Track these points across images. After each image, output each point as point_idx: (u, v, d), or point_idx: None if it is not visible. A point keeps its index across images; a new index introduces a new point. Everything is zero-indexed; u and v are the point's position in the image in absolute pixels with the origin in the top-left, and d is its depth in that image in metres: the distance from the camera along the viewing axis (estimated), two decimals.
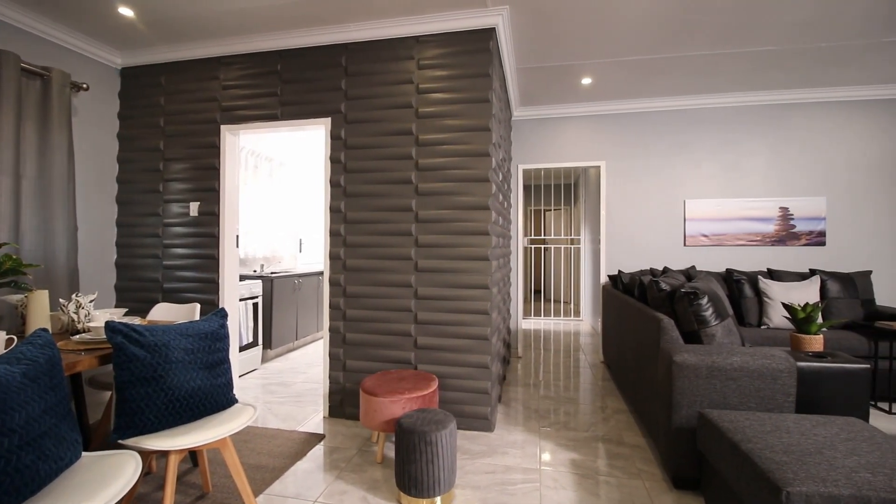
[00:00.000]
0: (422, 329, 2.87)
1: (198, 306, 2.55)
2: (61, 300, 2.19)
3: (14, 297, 2.19)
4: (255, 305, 4.16)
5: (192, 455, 2.31)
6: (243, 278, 4.27)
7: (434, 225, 2.86)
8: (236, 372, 3.41)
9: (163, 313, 2.65)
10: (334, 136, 3.04)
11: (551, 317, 7.31)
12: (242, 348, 3.94)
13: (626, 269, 4.53)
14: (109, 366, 2.51)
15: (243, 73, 3.22)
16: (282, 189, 5.52)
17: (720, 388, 2.01)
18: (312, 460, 2.41)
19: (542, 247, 8.58)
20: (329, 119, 3.05)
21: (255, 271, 4.84)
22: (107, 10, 2.81)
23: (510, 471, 2.29)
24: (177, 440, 1.59)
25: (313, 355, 4.69)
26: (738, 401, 2.00)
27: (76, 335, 1.96)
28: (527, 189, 9.40)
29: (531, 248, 9.09)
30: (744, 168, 4.29)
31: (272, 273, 4.57)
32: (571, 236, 7.84)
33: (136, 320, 2.29)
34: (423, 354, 2.87)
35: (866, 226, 4.09)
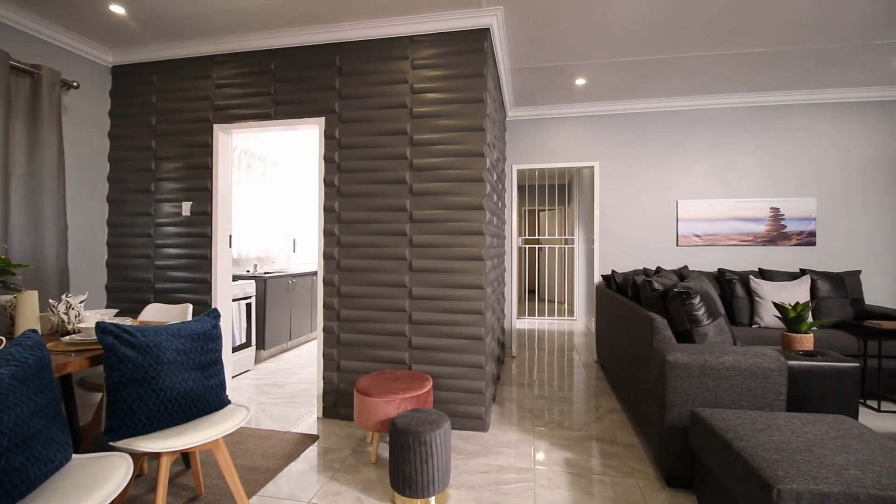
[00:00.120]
0: (416, 329, 2.87)
1: (190, 307, 2.54)
2: (51, 301, 2.17)
3: (3, 298, 2.16)
4: (249, 306, 4.14)
5: (185, 457, 2.29)
6: (236, 278, 4.24)
7: (428, 225, 2.86)
8: (229, 373, 3.39)
9: (154, 314, 2.63)
10: (328, 136, 3.03)
11: (545, 316, 7.33)
12: (235, 349, 3.92)
13: (619, 268, 4.55)
14: (100, 367, 2.48)
15: (236, 71, 3.20)
16: (275, 189, 5.49)
17: (712, 386, 2.03)
18: (306, 461, 2.40)
19: (537, 247, 8.60)
20: (323, 118, 3.04)
21: (248, 271, 4.81)
22: (98, 7, 2.78)
23: (504, 470, 2.30)
24: (169, 442, 1.58)
25: (307, 356, 4.67)
26: (729, 399, 2.02)
27: (66, 336, 1.94)
28: (521, 189, 9.42)
29: (525, 248, 9.11)
30: (736, 169, 4.33)
31: (266, 273, 4.55)
32: (565, 236, 7.87)
33: (127, 321, 2.27)
34: (417, 354, 2.87)
35: (856, 226, 4.14)
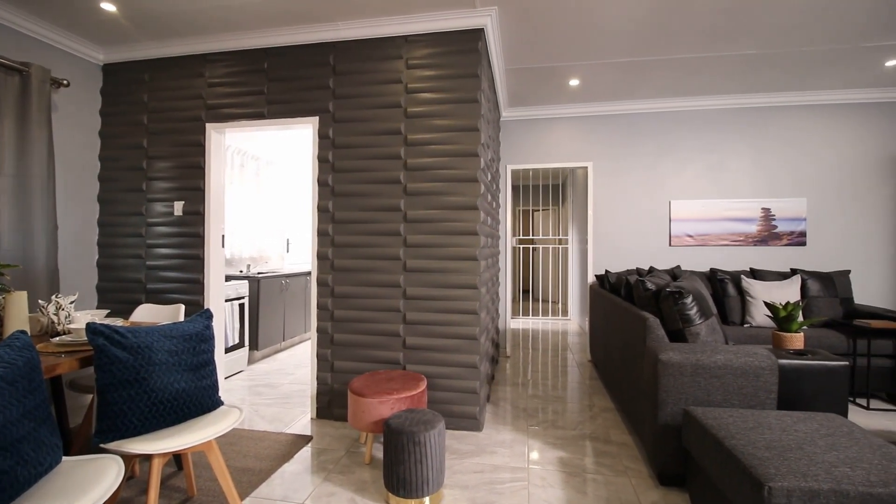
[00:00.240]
0: (410, 329, 2.87)
1: (182, 307, 2.52)
2: (40, 301, 2.14)
3: None
4: (242, 306, 4.11)
5: (177, 458, 2.27)
6: (229, 279, 4.21)
7: (422, 225, 2.86)
8: (222, 374, 3.37)
9: (146, 314, 2.61)
10: (322, 136, 3.02)
11: (539, 316, 7.35)
12: (228, 349, 3.89)
13: (612, 268, 4.57)
14: (91, 368, 2.46)
15: (229, 70, 3.18)
16: (269, 188, 5.46)
17: (704, 385, 2.04)
18: (300, 462, 2.39)
19: (531, 247, 8.62)
20: (317, 118, 3.03)
21: (241, 272, 4.78)
22: (88, 4, 2.75)
23: (498, 470, 2.30)
24: (160, 443, 1.56)
25: (301, 356, 4.65)
26: (721, 398, 2.04)
27: (56, 337, 1.92)
28: (515, 189, 9.44)
29: (520, 248, 9.13)
30: (727, 169, 4.37)
31: (259, 273, 4.52)
32: (559, 236, 7.90)
33: (118, 322, 2.24)
34: (411, 355, 2.87)
35: (846, 226, 4.19)
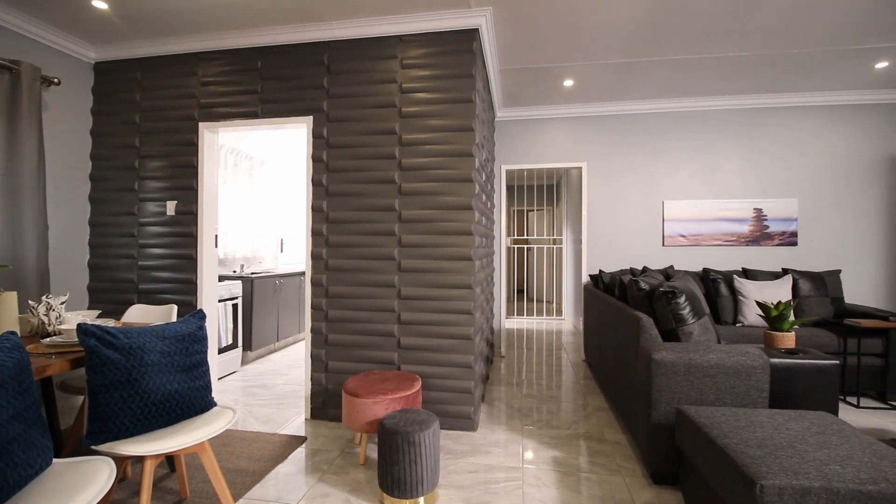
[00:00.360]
0: (405, 329, 2.86)
1: (175, 308, 2.50)
2: (31, 302, 2.12)
3: None
4: (235, 306, 4.09)
5: (170, 460, 2.26)
6: (222, 279, 4.19)
7: (417, 225, 2.86)
8: (215, 374, 3.35)
9: (138, 315, 2.59)
10: (316, 135, 3.01)
11: (534, 316, 7.37)
12: (221, 350, 3.86)
13: (606, 268, 4.59)
14: (82, 369, 2.43)
15: (222, 69, 3.16)
16: (262, 188, 5.43)
17: (697, 384, 2.06)
18: (294, 463, 2.38)
19: (525, 247, 8.65)
20: (311, 117, 3.02)
21: (234, 272, 4.75)
22: (80, 2, 2.72)
23: (493, 470, 2.30)
24: (153, 445, 1.55)
25: (295, 357, 4.63)
26: (714, 397, 2.05)
27: (46, 338, 1.90)
28: (510, 189, 9.46)
29: (514, 248, 9.15)
30: (720, 170, 4.40)
31: (252, 273, 4.50)
32: (554, 236, 7.92)
33: (110, 322, 2.22)
34: (406, 355, 2.86)
35: (836, 226, 4.23)
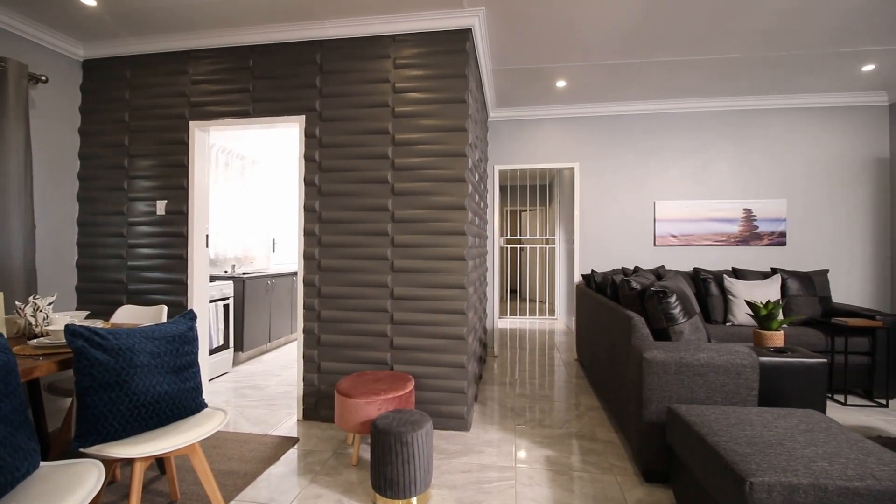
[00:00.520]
0: (398, 329, 2.86)
1: (165, 308, 2.48)
2: (17, 303, 2.09)
3: None
4: (227, 307, 4.06)
5: (160, 462, 2.23)
6: (213, 279, 4.15)
7: (410, 225, 2.85)
8: (206, 376, 3.32)
9: (127, 316, 2.56)
10: (309, 135, 3.00)
11: (527, 316, 7.39)
12: (213, 351, 3.83)
13: (598, 268, 4.62)
14: (70, 371, 2.40)
15: (214, 67, 3.13)
16: (254, 188, 5.40)
17: (688, 383, 2.07)
18: (286, 464, 2.37)
19: (518, 247, 8.66)
20: (303, 117, 3.00)
21: (225, 272, 4.72)
22: None
23: (486, 469, 2.31)
24: (142, 447, 1.53)
25: (287, 357, 4.61)
26: (704, 395, 2.07)
27: (34, 339, 1.87)
28: (503, 189, 9.48)
29: (507, 248, 9.16)
30: (710, 170, 4.44)
31: (244, 274, 4.46)
32: (546, 236, 7.95)
33: (98, 323, 2.20)
34: (399, 355, 2.86)
35: (824, 227, 4.29)
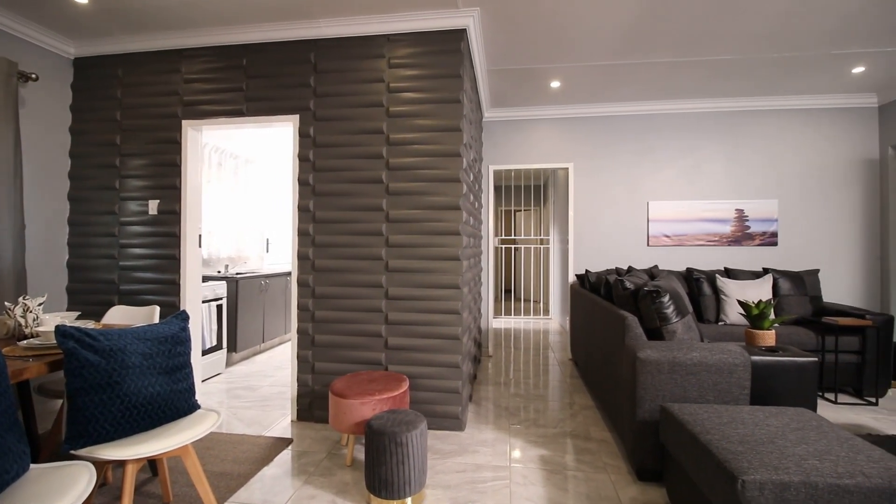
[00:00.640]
0: (392, 329, 2.85)
1: (157, 309, 2.46)
2: (7, 304, 2.06)
3: None
4: (220, 307, 4.03)
5: (152, 464, 2.22)
6: (206, 279, 4.12)
7: (405, 225, 2.85)
8: (199, 377, 3.29)
9: (119, 316, 2.54)
10: (303, 134, 2.98)
11: (521, 316, 7.41)
12: (206, 352, 3.81)
13: (593, 268, 4.64)
14: (60, 373, 2.37)
15: (206, 66, 3.11)
16: (248, 187, 5.37)
17: (681, 382, 2.09)
18: (279, 465, 2.35)
19: (513, 247, 8.69)
20: (297, 116, 2.99)
21: (219, 272, 4.69)
22: None
23: (480, 469, 2.31)
24: (134, 449, 1.52)
25: (281, 358, 4.58)
26: (697, 394, 2.09)
27: (23, 341, 1.85)
28: (497, 189, 9.49)
29: (502, 248, 9.18)
30: (703, 171, 4.48)
31: (237, 274, 4.44)
32: (541, 236, 7.97)
33: (89, 324, 2.17)
34: (393, 355, 2.85)
35: (815, 227, 4.34)
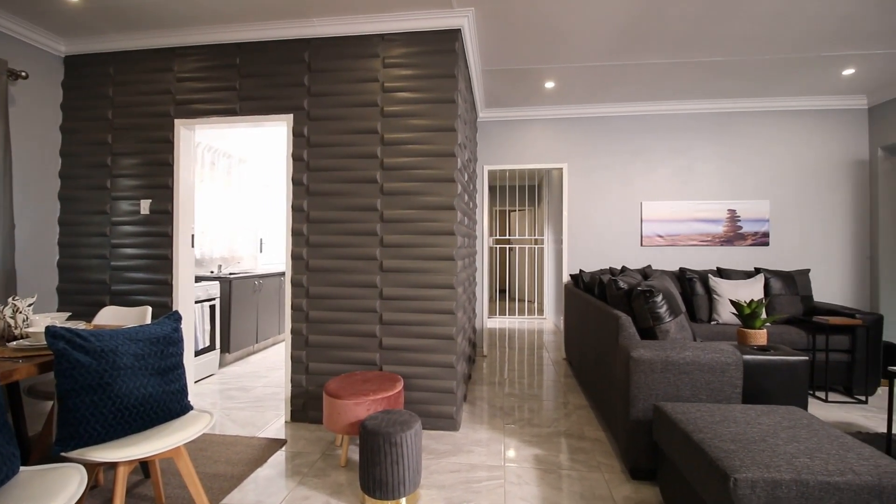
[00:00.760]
0: (387, 329, 2.85)
1: (149, 309, 2.44)
2: None
3: None
4: (213, 308, 4.01)
5: (144, 466, 2.20)
6: (199, 279, 4.09)
7: (399, 225, 2.85)
8: (192, 378, 3.27)
9: (111, 317, 2.51)
10: (297, 134, 2.97)
11: (516, 315, 7.42)
12: (198, 353, 3.78)
13: (587, 268, 4.66)
14: (51, 374, 2.35)
15: (199, 65, 3.09)
16: (241, 187, 5.33)
17: (674, 381, 2.10)
18: (273, 466, 2.34)
19: (507, 247, 8.70)
20: (291, 115, 2.98)
21: (212, 272, 4.65)
22: None
23: (475, 469, 2.31)
24: (125, 451, 1.51)
25: (274, 359, 4.56)
26: (690, 393, 2.10)
27: (13, 342, 1.83)
28: (492, 189, 9.51)
29: (496, 247, 9.20)
30: (696, 172, 4.51)
31: (231, 274, 4.41)
32: (535, 236, 7.99)
33: (80, 325, 2.15)
34: (388, 355, 2.85)
35: (806, 227, 4.38)
